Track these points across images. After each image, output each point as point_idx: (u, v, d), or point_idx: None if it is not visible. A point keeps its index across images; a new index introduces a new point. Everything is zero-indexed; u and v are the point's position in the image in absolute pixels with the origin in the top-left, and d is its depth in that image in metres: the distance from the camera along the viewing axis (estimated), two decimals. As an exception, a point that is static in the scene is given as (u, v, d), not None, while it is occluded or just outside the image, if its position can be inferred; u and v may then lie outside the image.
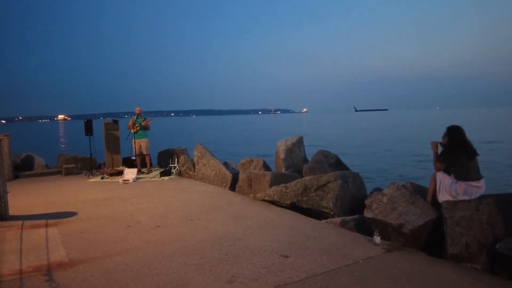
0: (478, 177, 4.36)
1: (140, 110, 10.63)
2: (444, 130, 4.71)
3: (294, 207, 5.86)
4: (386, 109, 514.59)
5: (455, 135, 4.57)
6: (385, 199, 4.70)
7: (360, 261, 3.70)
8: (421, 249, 4.16)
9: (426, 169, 14.81)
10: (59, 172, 10.70)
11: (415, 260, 3.75)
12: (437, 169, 4.63)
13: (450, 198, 4.34)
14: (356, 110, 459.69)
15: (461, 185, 4.31)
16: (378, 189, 6.33)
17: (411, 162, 19.55)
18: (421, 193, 4.93)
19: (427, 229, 4.34)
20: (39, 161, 11.64)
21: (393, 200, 4.63)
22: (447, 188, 4.41)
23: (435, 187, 4.60)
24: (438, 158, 4.64)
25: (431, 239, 4.35)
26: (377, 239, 4.19)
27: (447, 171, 4.55)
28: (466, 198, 4.25)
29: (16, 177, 10.00)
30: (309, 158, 8.71)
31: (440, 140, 4.77)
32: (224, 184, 8.20)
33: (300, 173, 7.58)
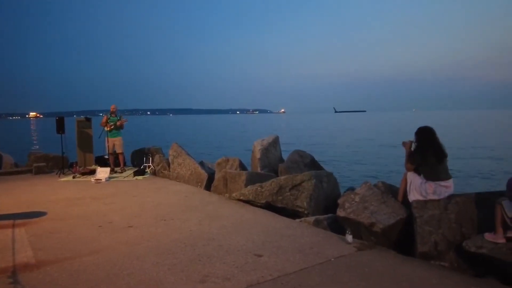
0: (447, 177, 4.48)
1: (115, 108, 10.42)
2: None
3: (269, 206, 5.88)
4: (364, 111, 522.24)
5: (424, 136, 4.67)
6: (357, 198, 4.77)
7: (332, 259, 3.75)
8: (392, 248, 4.25)
9: (399, 169, 15.15)
10: (29, 171, 10.38)
11: (386, 258, 3.82)
12: (408, 169, 4.74)
13: (420, 198, 4.45)
14: (335, 111, 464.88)
15: (431, 185, 4.43)
16: (351, 189, 6.43)
17: (385, 162, 19.95)
18: (392, 192, 5.04)
19: (398, 228, 4.43)
20: (8, 159, 11.27)
21: (365, 199, 4.71)
22: (417, 188, 4.52)
23: (406, 186, 4.70)
24: (409, 158, 4.75)
25: (401, 238, 4.44)
26: (349, 237, 4.24)
27: (417, 171, 4.66)
28: (436, 197, 4.37)
29: (-17, 176, 9.66)
30: (285, 158, 8.76)
31: (413, 140, 4.88)
32: (200, 184, 8.15)
33: (276, 173, 7.61)
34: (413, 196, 4.54)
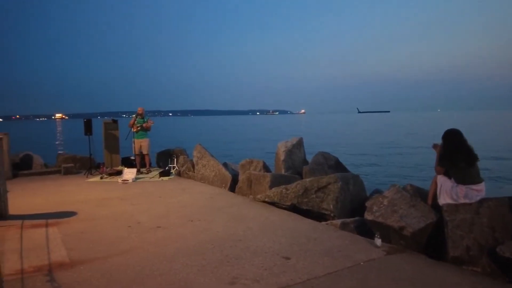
0: (478, 181, 4.37)
1: (142, 111, 10.61)
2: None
3: (294, 208, 5.87)
4: (388, 111, 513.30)
5: (451, 139, 4.55)
6: (385, 202, 4.71)
7: (362, 263, 3.71)
8: (422, 252, 4.18)
9: (427, 171, 14.90)
10: (58, 172, 10.68)
11: (416, 262, 3.77)
12: (438, 173, 4.65)
13: (451, 201, 4.36)
14: (359, 112, 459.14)
15: (462, 189, 4.33)
16: (378, 191, 6.36)
17: (412, 164, 19.56)
18: (421, 195, 4.95)
19: (428, 232, 4.35)
20: (37, 160, 11.61)
21: (393, 203, 4.64)
22: (448, 191, 4.43)
23: (436, 190, 4.61)
24: (438, 162, 4.65)
25: (432, 242, 4.36)
26: (378, 241, 4.20)
27: (447, 174, 4.57)
28: (467, 201, 4.27)
29: (15, 176, 9.98)
30: (309, 159, 8.72)
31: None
32: (224, 185, 8.20)
33: (300, 175, 7.59)
34: (443, 200, 4.45)
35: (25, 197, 7.30)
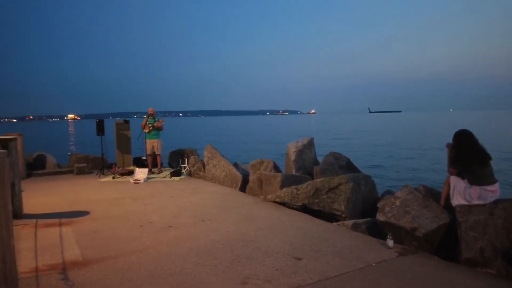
0: (492, 181, 4.31)
1: (153, 111, 10.70)
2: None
3: (305, 209, 5.86)
4: (400, 111, 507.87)
5: (462, 140, 4.50)
6: (397, 202, 4.67)
7: (374, 264, 3.69)
8: (434, 253, 4.14)
9: (439, 172, 14.72)
10: (71, 171, 10.81)
11: (429, 264, 3.73)
12: (450, 173, 4.59)
13: (464, 202, 4.30)
14: (370, 112, 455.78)
15: (475, 190, 4.27)
16: (389, 192, 6.31)
17: (424, 165, 19.36)
18: (434, 196, 4.90)
19: (441, 233, 4.31)
20: (51, 160, 11.77)
21: (406, 204, 4.60)
22: (461, 192, 4.37)
23: (449, 190, 4.56)
24: (451, 162, 4.60)
25: (444, 243, 4.32)
26: (390, 242, 4.17)
27: (460, 175, 4.51)
28: (481, 202, 4.21)
29: (28, 175, 10.14)
30: (320, 159, 8.69)
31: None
32: (234, 185, 8.22)
33: (311, 175, 7.57)
34: (456, 201, 4.39)
35: (39, 196, 7.40)
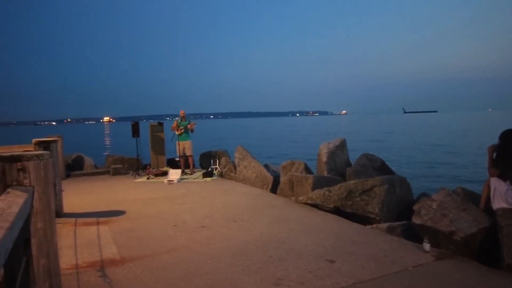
0: (536, 184, 4.12)
1: (184, 113, 10.90)
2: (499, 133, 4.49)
3: (337, 211, 5.78)
4: (436, 111, 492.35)
5: (508, 139, 4.33)
6: (434, 205, 4.54)
7: (410, 268, 3.61)
8: (473, 258, 3.99)
9: (478, 174, 14.16)
10: (107, 172, 11.15)
11: (467, 269, 3.61)
12: (491, 175, 4.42)
13: (506, 206, 4.13)
14: (405, 112, 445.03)
15: (518, 192, 4.09)
16: (425, 195, 6.13)
17: (461, 167, 18.67)
18: (472, 199, 4.73)
19: (480, 237, 4.14)
20: (88, 161, 12.19)
21: (443, 206, 4.46)
22: (502, 195, 4.20)
23: (489, 193, 4.39)
24: (493, 163, 4.43)
25: (484, 248, 4.15)
26: (427, 246, 4.06)
27: (502, 176, 4.33)
28: (524, 206, 4.03)
29: (67, 176, 10.54)
30: (352, 161, 8.56)
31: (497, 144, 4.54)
32: (265, 186, 8.23)
33: (343, 177, 7.46)
34: (497, 204, 4.22)
35: (77, 196, 7.68)
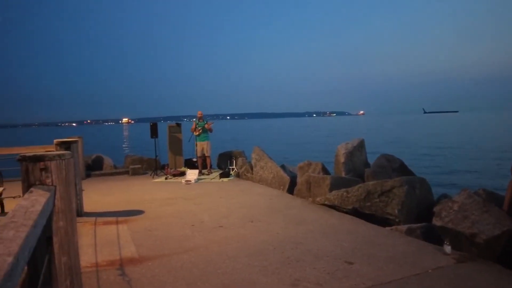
0: None
1: (201, 114, 10.99)
2: None
3: (355, 212, 5.72)
4: (457, 111, 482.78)
5: None
6: (455, 207, 4.44)
7: (430, 270, 3.54)
8: (496, 261, 3.88)
9: (501, 176, 13.78)
10: (126, 172, 11.31)
11: (490, 272, 3.52)
12: (515, 176, 4.31)
13: (531, 208, 4.02)
14: (425, 112, 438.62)
15: (544, 194, 3.98)
16: (446, 196, 6.02)
17: (483, 168, 18.22)
18: (495, 201, 4.62)
19: (504, 240, 4.03)
20: (107, 161, 12.39)
21: (464, 208, 4.36)
22: (527, 197, 4.09)
23: (513, 195, 4.28)
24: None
25: (507, 251, 4.04)
26: (448, 248, 3.97)
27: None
28: (550, 208, 3.91)
29: (87, 176, 10.74)
30: (371, 162, 8.46)
31: None
32: (282, 187, 8.21)
33: (361, 178, 7.39)
34: (521, 206, 4.11)
35: (97, 196, 7.81)
